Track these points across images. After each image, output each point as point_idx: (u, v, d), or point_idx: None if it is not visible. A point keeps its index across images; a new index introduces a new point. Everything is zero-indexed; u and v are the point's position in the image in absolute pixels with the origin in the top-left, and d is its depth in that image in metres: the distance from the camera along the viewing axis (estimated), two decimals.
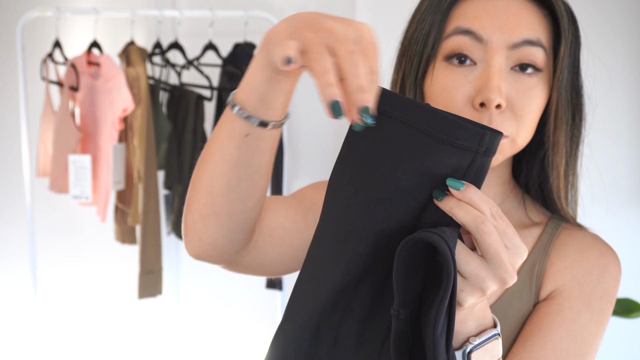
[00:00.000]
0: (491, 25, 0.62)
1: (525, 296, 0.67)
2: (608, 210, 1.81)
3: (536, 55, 0.63)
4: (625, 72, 1.76)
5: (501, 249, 0.47)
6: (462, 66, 0.63)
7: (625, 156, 1.78)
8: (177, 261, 2.42)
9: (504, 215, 0.49)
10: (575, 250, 0.70)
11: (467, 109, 0.63)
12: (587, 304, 0.66)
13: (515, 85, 0.63)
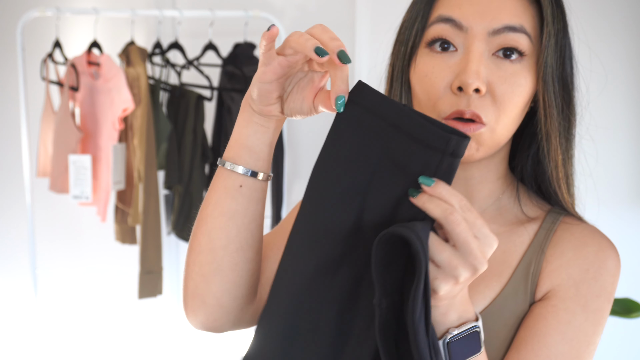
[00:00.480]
0: (472, 12, 0.63)
1: (521, 297, 0.67)
2: (607, 210, 1.81)
3: (518, 41, 0.63)
4: (624, 71, 1.76)
5: (470, 238, 0.50)
6: (443, 53, 0.64)
7: (625, 155, 1.78)
8: (177, 261, 2.42)
9: (472, 208, 0.52)
10: (572, 247, 0.68)
11: (447, 94, 0.63)
12: (583, 304, 0.65)
13: (497, 71, 0.63)
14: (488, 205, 0.72)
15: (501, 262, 0.69)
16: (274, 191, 1.88)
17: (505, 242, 0.70)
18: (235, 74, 1.90)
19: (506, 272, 0.68)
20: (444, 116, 0.63)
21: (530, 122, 0.70)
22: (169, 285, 2.40)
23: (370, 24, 1.96)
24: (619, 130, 1.78)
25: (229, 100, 1.96)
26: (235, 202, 0.62)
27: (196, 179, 1.98)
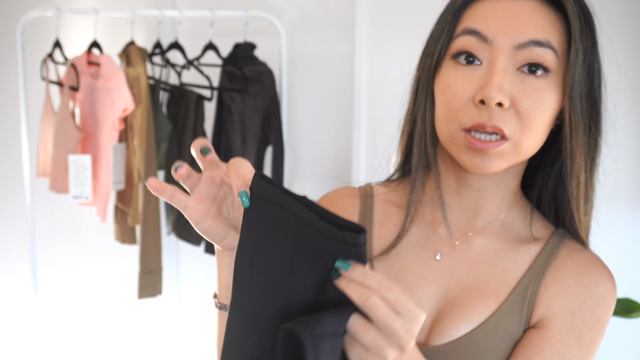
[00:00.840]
0: (497, 26, 0.62)
1: (517, 317, 0.67)
2: (608, 210, 1.81)
3: (544, 56, 0.62)
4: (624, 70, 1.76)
5: (391, 319, 0.50)
6: (468, 65, 0.63)
7: (625, 156, 1.78)
8: (177, 261, 2.43)
9: (393, 286, 0.50)
10: (572, 274, 0.68)
11: (468, 106, 0.63)
12: (577, 336, 0.65)
13: (521, 86, 0.62)
14: (494, 219, 0.72)
15: (500, 280, 0.69)
16: None
17: (506, 261, 0.70)
18: (235, 74, 1.90)
19: (504, 291, 0.68)
20: (464, 127, 0.63)
21: (554, 139, 0.69)
22: (169, 286, 2.40)
23: (370, 24, 1.96)
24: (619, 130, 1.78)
25: (229, 100, 1.96)
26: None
27: None
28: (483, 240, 0.71)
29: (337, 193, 0.80)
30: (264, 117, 1.86)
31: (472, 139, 0.62)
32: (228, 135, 1.98)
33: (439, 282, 0.70)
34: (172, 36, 2.17)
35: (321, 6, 2.09)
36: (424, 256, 0.71)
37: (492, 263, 0.70)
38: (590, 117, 0.65)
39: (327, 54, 2.08)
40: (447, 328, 0.67)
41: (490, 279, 0.68)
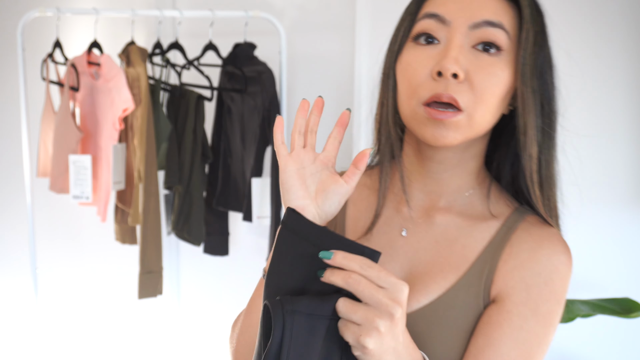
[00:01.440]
0: (455, 8, 0.68)
1: (474, 290, 0.70)
2: (608, 210, 1.81)
3: (497, 35, 0.67)
4: (624, 71, 1.76)
5: (374, 290, 0.56)
6: (427, 45, 0.69)
7: (625, 156, 1.78)
8: (177, 261, 2.43)
9: (373, 264, 0.57)
10: (527, 248, 0.71)
11: (428, 81, 0.67)
12: (533, 308, 0.68)
13: (475, 61, 0.67)
14: (456, 199, 0.76)
15: (460, 256, 0.72)
16: (273, 191, 1.88)
17: (466, 237, 0.73)
18: (235, 74, 1.90)
19: (463, 266, 0.72)
20: (422, 101, 0.67)
21: (511, 122, 0.74)
22: (169, 286, 2.40)
23: (370, 24, 1.96)
24: (619, 131, 1.78)
25: (228, 100, 1.96)
26: None
27: (196, 179, 1.98)
28: (445, 218, 0.75)
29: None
30: (263, 117, 1.86)
31: (431, 109, 0.66)
32: (228, 135, 1.98)
33: (404, 257, 0.75)
34: (172, 36, 2.17)
35: (321, 6, 2.09)
36: (391, 234, 0.76)
37: (452, 239, 0.74)
38: (542, 96, 0.71)
39: (327, 54, 2.08)
40: (414, 296, 0.71)
41: (450, 255, 0.73)
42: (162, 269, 1.88)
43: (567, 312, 1.53)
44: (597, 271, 1.84)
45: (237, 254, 2.30)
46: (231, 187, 1.99)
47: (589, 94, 1.80)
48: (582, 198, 1.85)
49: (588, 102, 1.80)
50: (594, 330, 1.85)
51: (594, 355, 1.87)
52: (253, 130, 1.89)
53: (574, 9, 1.79)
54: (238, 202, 1.98)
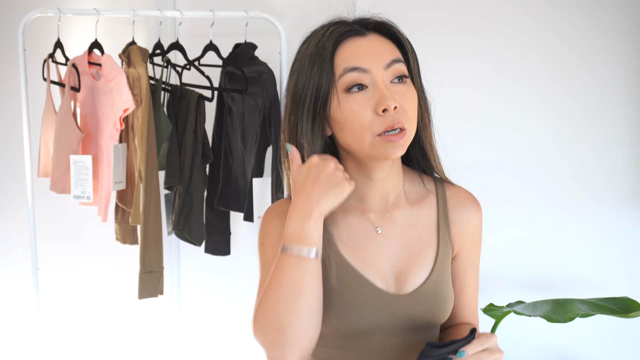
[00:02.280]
0: (367, 59, 0.88)
1: (449, 251, 0.98)
2: (607, 210, 1.81)
3: (402, 68, 0.89)
4: (624, 71, 1.76)
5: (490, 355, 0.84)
6: (359, 92, 0.87)
7: (625, 156, 1.79)
8: (178, 261, 2.43)
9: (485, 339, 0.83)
10: (465, 212, 1.00)
11: (375, 118, 0.86)
12: (477, 245, 1.02)
13: (397, 92, 0.88)
14: (397, 194, 0.98)
15: (426, 232, 0.97)
16: (274, 191, 1.89)
17: (421, 217, 0.98)
18: (236, 74, 1.90)
19: (433, 239, 0.97)
20: (377, 133, 0.86)
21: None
22: (169, 286, 2.40)
23: None
24: (619, 130, 1.78)
25: (229, 100, 1.96)
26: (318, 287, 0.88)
27: (197, 179, 1.98)
28: (400, 211, 0.97)
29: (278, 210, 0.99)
30: (264, 117, 1.86)
31: (389, 136, 0.86)
32: (228, 135, 1.98)
33: (387, 248, 0.95)
34: (173, 36, 2.18)
35: (321, 7, 2.09)
36: (370, 236, 0.95)
37: (413, 223, 0.97)
38: (424, 99, 0.95)
39: None
40: (410, 279, 0.94)
41: (419, 233, 0.97)
42: (163, 268, 1.89)
43: (566, 312, 1.53)
44: (596, 271, 1.84)
45: (237, 254, 2.30)
46: (232, 187, 1.99)
47: (589, 94, 1.80)
48: (582, 198, 1.85)
49: (588, 101, 1.80)
50: (594, 330, 1.85)
51: (593, 355, 1.88)
52: (254, 130, 1.89)
53: (574, 9, 1.79)
54: (239, 202, 1.98)
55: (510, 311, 1.65)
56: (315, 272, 0.85)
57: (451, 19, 1.90)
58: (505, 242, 1.91)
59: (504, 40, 1.86)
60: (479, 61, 1.89)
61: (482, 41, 1.88)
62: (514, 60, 1.85)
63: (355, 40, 0.92)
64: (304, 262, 0.84)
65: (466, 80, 1.90)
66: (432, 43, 1.93)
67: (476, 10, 1.88)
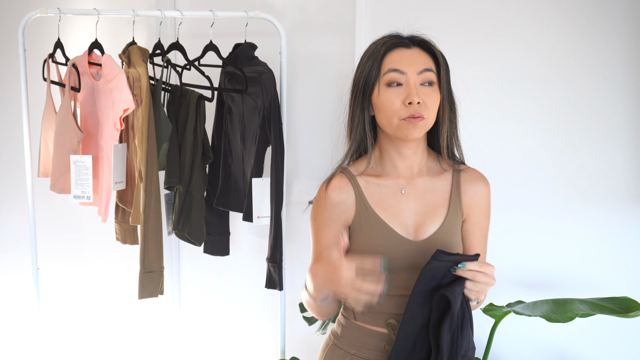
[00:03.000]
0: (406, 65, 1.21)
1: (459, 214, 1.28)
2: (607, 209, 1.81)
3: (431, 76, 1.22)
4: (623, 70, 1.76)
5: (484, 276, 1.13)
6: (396, 87, 1.21)
7: (625, 156, 1.79)
8: (177, 261, 2.43)
9: (479, 262, 1.13)
10: (473, 185, 1.30)
11: (402, 107, 1.20)
12: (483, 214, 1.31)
13: (424, 92, 1.21)
14: (421, 166, 1.30)
15: (440, 197, 1.28)
16: (273, 191, 1.89)
17: (438, 185, 1.29)
18: (236, 75, 1.90)
19: (445, 203, 1.28)
20: (402, 118, 1.19)
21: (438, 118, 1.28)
22: (169, 286, 2.41)
23: (370, 24, 1.97)
24: (619, 130, 1.78)
25: (229, 100, 1.96)
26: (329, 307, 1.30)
27: (197, 179, 1.99)
28: (422, 179, 1.29)
29: (334, 186, 1.30)
30: (264, 117, 1.86)
31: (410, 120, 1.19)
32: (228, 135, 1.98)
33: (409, 205, 1.27)
34: (173, 37, 2.18)
35: (321, 7, 2.09)
36: (397, 196, 1.27)
37: (432, 189, 1.28)
38: (450, 103, 1.26)
39: (327, 54, 2.09)
40: (425, 229, 1.25)
41: (435, 197, 1.27)
42: (163, 268, 1.89)
43: (566, 312, 1.53)
44: (596, 270, 1.84)
45: (237, 254, 2.30)
46: (231, 187, 1.99)
47: (588, 94, 1.80)
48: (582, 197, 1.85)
49: (588, 101, 1.80)
50: (593, 330, 1.86)
51: (593, 355, 1.88)
52: (253, 130, 1.89)
53: (574, 9, 1.79)
54: (238, 202, 1.98)
55: (510, 311, 1.66)
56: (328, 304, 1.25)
57: (451, 19, 1.90)
58: (505, 242, 1.91)
59: (504, 41, 1.86)
60: (478, 61, 1.89)
61: (481, 42, 1.88)
62: (513, 60, 1.85)
63: (402, 50, 1.23)
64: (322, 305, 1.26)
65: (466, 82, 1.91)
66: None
67: (477, 11, 1.88)
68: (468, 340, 1.14)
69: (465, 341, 1.13)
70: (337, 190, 1.28)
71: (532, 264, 1.90)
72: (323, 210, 1.28)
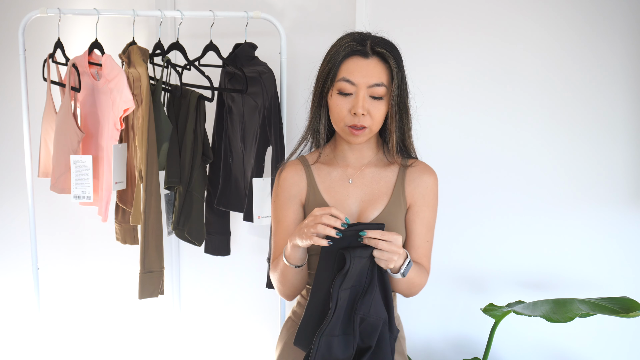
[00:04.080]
0: (359, 76, 1.26)
1: (401, 202, 1.36)
2: (607, 209, 1.81)
3: (380, 90, 1.27)
4: (623, 70, 1.76)
5: (387, 245, 1.17)
6: (345, 96, 1.28)
7: (625, 155, 1.79)
8: (178, 261, 2.43)
9: (382, 231, 1.17)
10: (418, 176, 1.37)
11: (348, 115, 1.28)
12: (428, 205, 1.37)
13: (372, 104, 1.28)
14: (370, 158, 1.38)
15: (385, 186, 1.36)
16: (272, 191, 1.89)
17: (384, 175, 1.37)
18: (236, 74, 1.90)
19: (388, 192, 1.36)
20: (347, 125, 1.28)
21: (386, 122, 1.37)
22: (169, 286, 2.41)
23: (370, 25, 1.97)
24: (618, 130, 1.78)
25: (229, 100, 1.96)
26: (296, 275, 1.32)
27: (197, 179, 1.99)
28: (369, 169, 1.38)
29: (288, 170, 1.41)
30: (264, 117, 1.86)
31: (352, 129, 1.28)
32: (229, 135, 1.98)
33: (355, 193, 1.36)
34: (173, 37, 2.18)
35: (321, 7, 2.09)
36: (344, 183, 1.37)
37: (378, 179, 1.37)
38: (400, 110, 1.32)
39: None
40: (367, 215, 1.33)
41: (380, 187, 1.36)
42: (163, 268, 1.89)
43: (566, 312, 1.53)
44: (596, 270, 1.84)
45: (237, 254, 2.30)
46: (232, 187, 1.99)
47: (588, 93, 1.80)
48: (582, 197, 1.85)
49: (587, 101, 1.80)
50: (593, 330, 1.86)
51: (593, 355, 1.88)
52: (253, 130, 1.89)
53: (573, 8, 1.79)
54: (239, 202, 1.98)
55: (510, 311, 1.66)
56: (297, 272, 1.31)
57: (451, 19, 1.90)
58: (505, 242, 1.91)
59: (503, 40, 1.86)
60: (477, 61, 1.89)
61: (481, 42, 1.88)
62: (512, 60, 1.85)
63: (358, 59, 1.28)
64: (292, 269, 1.31)
65: (465, 81, 1.91)
66: (433, 42, 1.93)
67: (475, 10, 1.88)
68: (370, 305, 1.21)
69: (366, 305, 1.20)
70: (291, 173, 1.39)
71: (532, 264, 1.90)
72: (281, 191, 1.39)
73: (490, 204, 1.91)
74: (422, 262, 1.36)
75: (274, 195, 1.41)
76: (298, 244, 1.21)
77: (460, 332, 2.01)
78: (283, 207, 1.39)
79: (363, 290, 1.21)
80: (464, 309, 1.97)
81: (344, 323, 1.21)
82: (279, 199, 1.40)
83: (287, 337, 1.44)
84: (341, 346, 1.21)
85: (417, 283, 1.32)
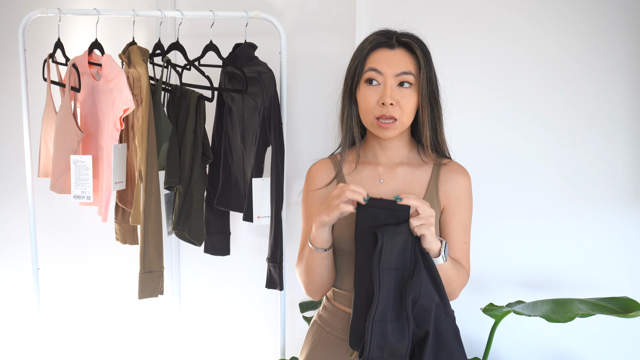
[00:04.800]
0: (386, 66, 1.27)
1: (436, 205, 1.35)
2: (606, 209, 1.81)
3: (408, 78, 1.27)
4: (623, 70, 1.76)
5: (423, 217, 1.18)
6: (373, 85, 1.29)
7: (625, 155, 1.79)
8: (177, 261, 2.43)
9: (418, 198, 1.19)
10: (452, 177, 1.36)
11: (376, 106, 1.28)
12: (462, 205, 1.36)
13: (400, 93, 1.28)
14: (402, 157, 1.38)
15: (418, 186, 1.35)
16: (273, 191, 1.89)
17: (417, 175, 1.36)
18: (236, 75, 1.90)
19: (422, 192, 1.35)
20: (375, 117, 1.28)
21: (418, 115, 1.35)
22: (169, 286, 2.41)
23: (370, 25, 1.97)
24: (618, 129, 1.78)
25: (229, 100, 1.96)
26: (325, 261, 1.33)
27: (197, 179, 1.99)
28: (401, 169, 1.37)
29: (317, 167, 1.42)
30: (264, 117, 1.86)
31: (380, 122, 1.28)
32: (228, 135, 1.98)
33: (386, 193, 1.34)
34: (173, 37, 2.18)
35: (321, 7, 2.09)
36: (375, 184, 1.36)
37: (410, 179, 1.36)
38: (431, 101, 1.31)
39: (327, 54, 2.09)
40: None
41: (412, 187, 1.35)
42: (163, 268, 1.89)
43: (566, 312, 1.53)
44: (596, 270, 1.84)
45: (237, 253, 2.30)
46: (231, 187, 1.99)
47: (587, 93, 1.80)
48: (582, 197, 1.85)
49: (587, 101, 1.80)
50: (593, 330, 1.86)
51: (593, 355, 1.88)
52: (253, 130, 1.89)
53: (573, 8, 1.79)
54: (238, 202, 1.98)
55: (510, 311, 1.66)
56: (323, 257, 1.30)
57: (451, 19, 1.90)
58: (505, 242, 1.91)
59: (503, 41, 1.86)
60: (477, 61, 1.89)
61: (481, 41, 1.88)
62: (512, 60, 1.86)
63: (384, 50, 1.29)
64: (317, 254, 1.30)
65: (465, 80, 1.91)
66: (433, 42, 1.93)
67: (476, 12, 1.88)
68: (419, 286, 1.18)
69: (415, 287, 1.18)
70: (320, 172, 1.40)
71: (532, 264, 1.90)
72: (310, 188, 1.40)
73: (490, 204, 1.91)
74: (462, 263, 1.35)
75: (304, 193, 1.42)
76: (324, 219, 1.21)
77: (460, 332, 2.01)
78: (311, 205, 1.39)
79: (410, 273, 1.19)
80: (463, 309, 1.97)
81: (395, 308, 1.18)
82: (307, 196, 1.40)
83: (312, 341, 1.42)
84: (396, 332, 1.16)
85: (456, 279, 1.30)
